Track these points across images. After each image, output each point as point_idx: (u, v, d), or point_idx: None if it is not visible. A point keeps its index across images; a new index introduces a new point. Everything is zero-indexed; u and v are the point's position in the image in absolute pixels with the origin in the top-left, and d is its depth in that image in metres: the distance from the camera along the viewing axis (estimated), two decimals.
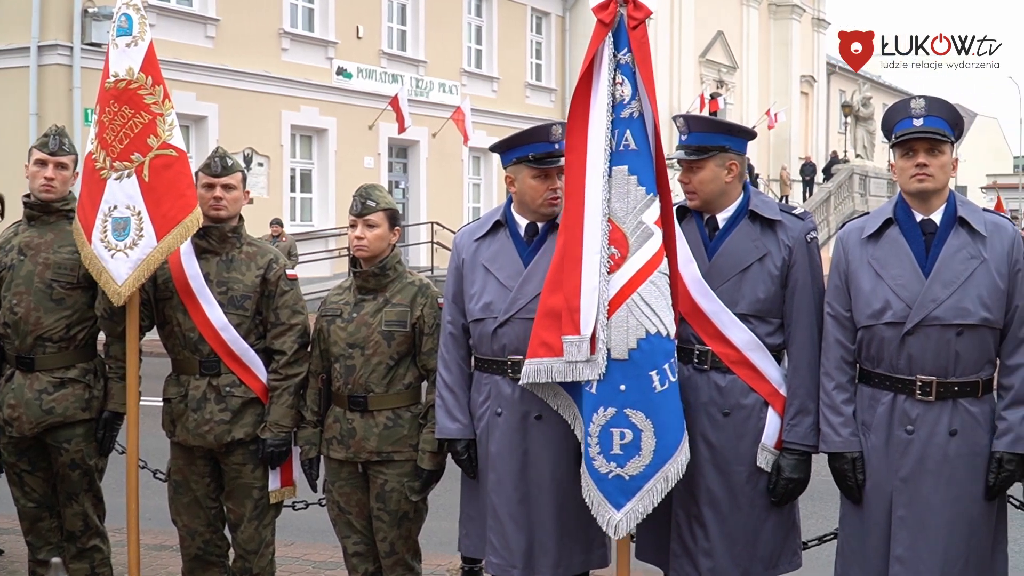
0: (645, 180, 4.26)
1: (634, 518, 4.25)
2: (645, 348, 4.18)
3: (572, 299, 4.25)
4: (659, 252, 4.24)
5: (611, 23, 4.27)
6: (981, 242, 4.21)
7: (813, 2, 51.50)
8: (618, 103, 4.27)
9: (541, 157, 4.60)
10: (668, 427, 4.21)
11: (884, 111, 4.54)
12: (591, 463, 4.25)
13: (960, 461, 4.19)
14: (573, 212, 4.31)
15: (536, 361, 4.33)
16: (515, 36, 33.29)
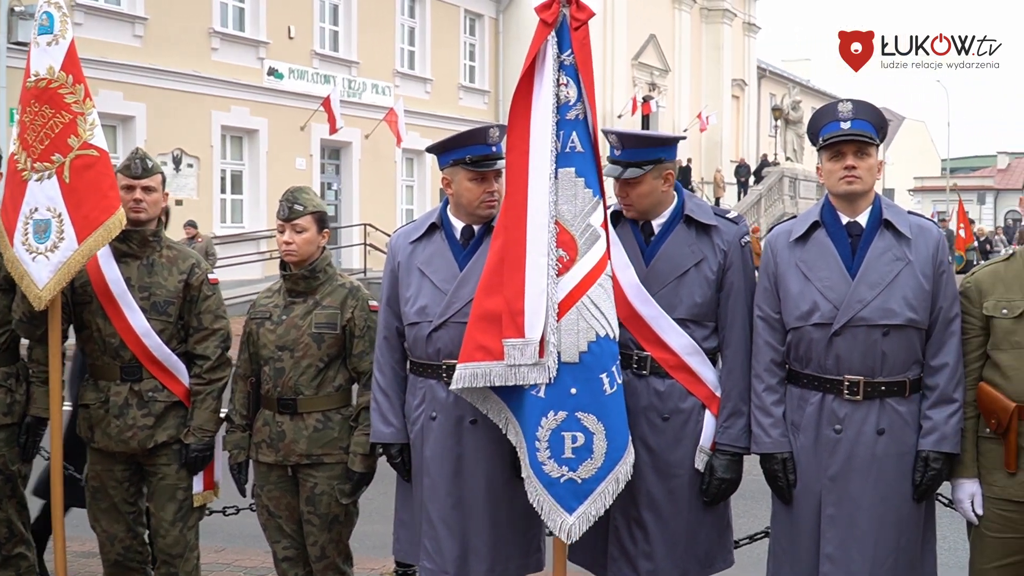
0: (591, 183, 4.25)
1: (587, 521, 4.23)
2: (595, 351, 4.18)
3: (515, 302, 4.21)
4: (606, 255, 4.24)
5: (553, 23, 4.25)
6: (906, 244, 4.27)
7: (744, 6, 51.97)
8: (563, 104, 4.25)
9: (478, 160, 4.57)
10: (618, 429, 4.22)
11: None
12: (540, 468, 4.22)
13: (888, 460, 4.24)
14: (514, 214, 4.26)
15: (473, 365, 4.27)
16: (448, 38, 33.27)
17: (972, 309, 4.37)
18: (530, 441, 4.23)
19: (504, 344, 4.21)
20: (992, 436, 4.30)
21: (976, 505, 4.34)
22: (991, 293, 4.35)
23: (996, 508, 4.29)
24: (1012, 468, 4.24)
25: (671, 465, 4.48)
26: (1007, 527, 4.28)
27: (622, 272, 4.44)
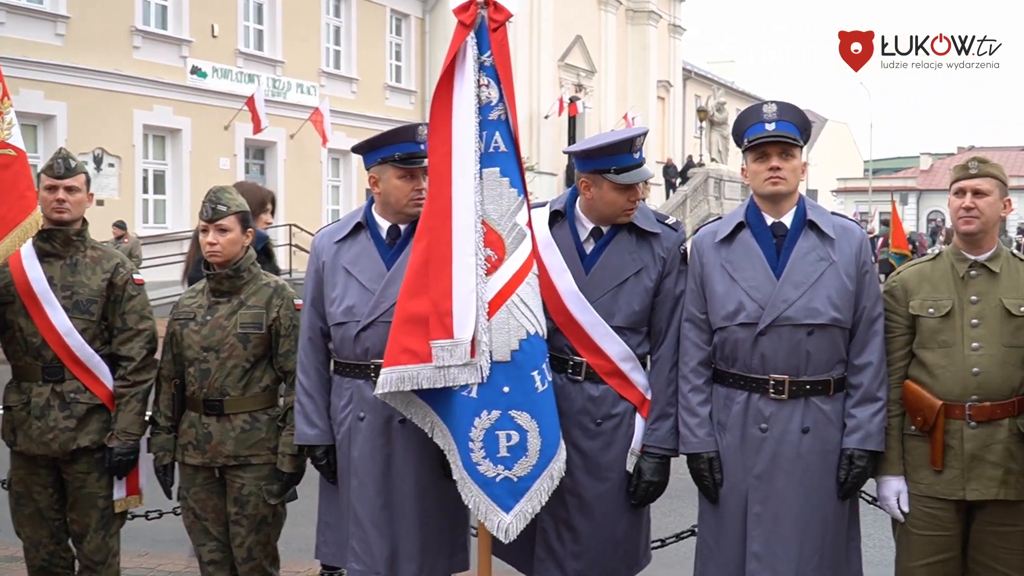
0: (516, 182, 4.27)
1: (523, 519, 4.25)
2: (526, 349, 4.20)
3: (442, 303, 4.20)
4: (533, 253, 4.27)
5: (471, 24, 4.26)
6: (830, 244, 4.32)
7: (669, 8, 52.30)
8: (485, 105, 4.26)
9: (407, 157, 4.56)
10: (550, 426, 4.24)
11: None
12: (475, 468, 4.23)
13: (813, 458, 4.28)
14: (438, 215, 4.26)
15: (399, 369, 4.25)
16: (374, 37, 33.09)
17: (898, 308, 4.44)
18: (463, 442, 4.23)
19: (432, 346, 4.20)
20: (918, 434, 4.37)
21: (902, 503, 4.40)
22: (917, 292, 4.41)
23: (922, 506, 4.36)
24: (938, 466, 4.31)
25: (602, 468, 4.50)
26: (933, 525, 4.34)
27: (558, 277, 4.45)
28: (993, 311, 4.31)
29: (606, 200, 4.47)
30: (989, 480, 4.26)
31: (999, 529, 4.32)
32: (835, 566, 4.35)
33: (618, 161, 4.43)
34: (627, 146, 4.46)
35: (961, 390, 4.28)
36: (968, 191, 4.33)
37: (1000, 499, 4.27)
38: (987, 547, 4.34)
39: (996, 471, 4.26)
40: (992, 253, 4.39)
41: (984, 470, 4.26)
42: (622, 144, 4.46)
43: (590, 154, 4.50)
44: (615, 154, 4.44)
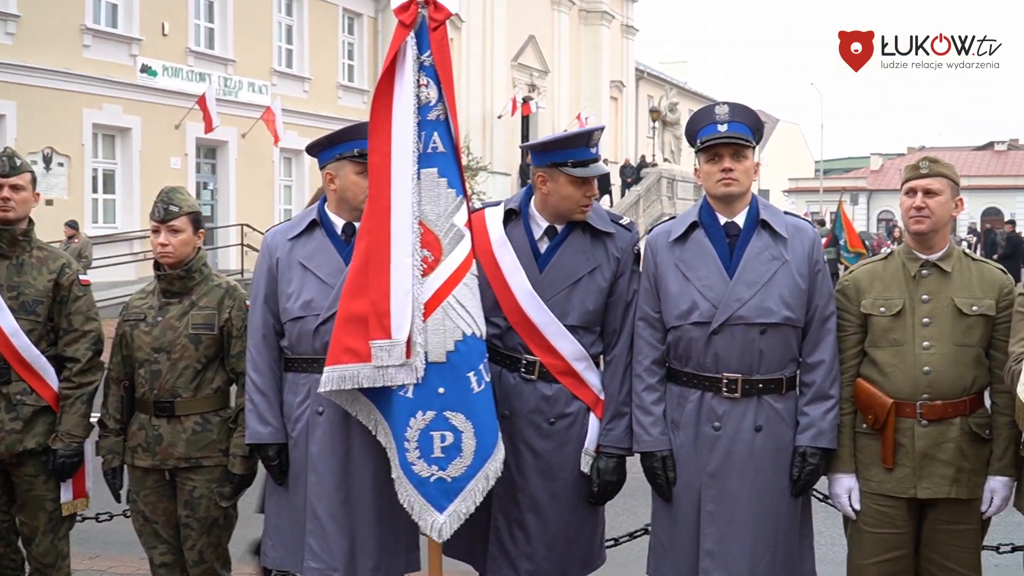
0: (454, 183, 4.27)
1: (457, 519, 4.25)
2: (462, 350, 4.20)
3: (380, 303, 4.21)
4: (470, 254, 4.26)
5: (412, 24, 4.25)
6: (782, 244, 4.35)
7: (622, 9, 52.49)
8: (424, 105, 4.26)
9: (366, 153, 4.52)
10: (486, 427, 4.24)
11: (690, 116, 4.64)
12: (410, 468, 4.23)
13: (766, 456, 4.31)
14: (378, 215, 4.26)
15: (340, 367, 4.26)
16: (327, 36, 33.00)
17: (850, 307, 4.46)
18: (399, 442, 4.24)
19: (371, 346, 4.20)
20: (869, 432, 4.40)
21: (853, 500, 4.43)
22: (869, 291, 4.45)
23: (873, 503, 4.39)
24: (889, 464, 4.34)
25: (555, 468, 4.50)
26: (885, 522, 4.37)
27: (512, 276, 4.45)
28: (944, 310, 4.35)
29: (562, 194, 4.47)
30: (940, 479, 4.29)
31: (951, 527, 4.36)
32: (788, 563, 4.37)
33: (575, 154, 4.44)
34: (585, 139, 4.47)
35: (912, 389, 4.31)
36: (919, 191, 4.37)
37: (952, 498, 4.31)
38: (939, 545, 4.38)
39: (948, 470, 4.29)
40: (944, 252, 4.43)
41: (935, 468, 4.30)
42: (580, 137, 4.47)
43: (548, 147, 4.52)
44: (573, 147, 4.46)
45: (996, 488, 4.36)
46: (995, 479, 4.36)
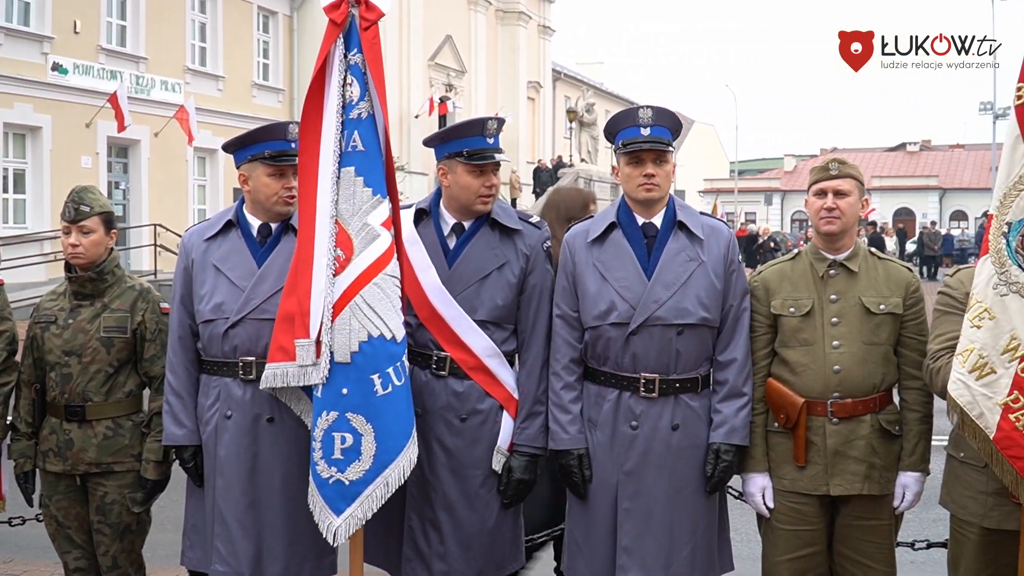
0: (372, 181, 4.25)
1: (354, 524, 4.23)
2: (367, 351, 4.17)
3: (304, 302, 4.22)
4: (385, 254, 4.23)
5: (343, 23, 4.24)
6: (699, 245, 4.40)
7: (539, 9, 52.60)
8: (347, 104, 4.25)
9: (277, 155, 4.54)
10: (390, 432, 4.20)
11: (608, 117, 4.67)
12: (315, 468, 4.23)
13: (682, 454, 4.35)
14: (306, 214, 4.27)
15: (274, 365, 4.28)
16: (241, 34, 32.65)
17: (760, 307, 4.52)
18: (311, 441, 4.24)
19: (296, 345, 4.21)
20: (781, 431, 4.46)
21: (767, 499, 4.49)
22: (778, 292, 4.51)
23: (786, 501, 4.45)
24: (801, 462, 4.40)
25: (467, 466, 4.50)
26: (798, 520, 4.43)
27: (423, 273, 4.46)
28: (852, 309, 4.42)
29: (461, 184, 4.50)
30: (852, 475, 4.36)
31: (863, 523, 4.43)
32: (705, 560, 4.42)
33: (471, 143, 4.49)
34: (479, 128, 4.52)
35: (823, 387, 4.38)
36: (829, 192, 4.44)
37: (864, 494, 4.38)
38: (851, 541, 4.45)
39: (859, 466, 4.37)
40: (851, 252, 4.50)
41: (847, 465, 4.37)
42: (474, 126, 4.52)
43: (444, 137, 4.56)
44: (468, 136, 4.50)
45: (907, 484, 4.44)
46: (906, 475, 4.44)
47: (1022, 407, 3.92)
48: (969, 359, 4.01)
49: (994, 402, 3.96)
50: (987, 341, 3.98)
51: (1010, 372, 3.94)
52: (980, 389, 3.98)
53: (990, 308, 4.00)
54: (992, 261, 4.03)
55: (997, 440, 3.96)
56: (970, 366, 4.00)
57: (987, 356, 3.98)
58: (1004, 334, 3.96)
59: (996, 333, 3.98)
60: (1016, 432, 3.92)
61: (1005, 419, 3.94)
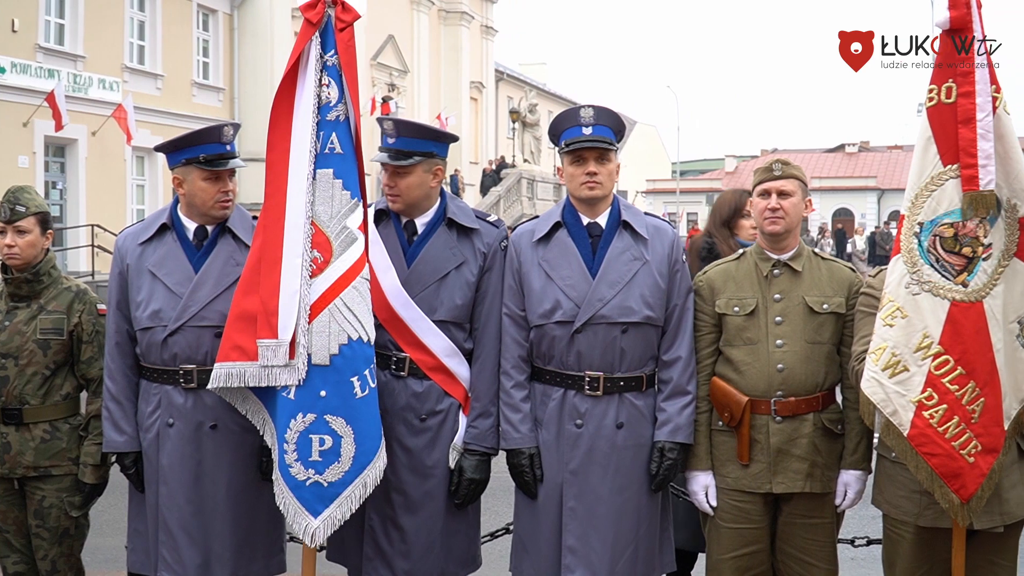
0: (350, 184, 4.26)
1: (332, 525, 4.22)
2: (347, 354, 4.18)
3: (270, 302, 4.18)
4: (362, 257, 4.24)
5: (318, 23, 4.24)
6: (643, 244, 4.42)
7: (482, 10, 52.60)
8: (324, 105, 4.25)
9: (212, 159, 4.50)
10: (368, 433, 4.21)
11: (550, 117, 4.68)
12: (287, 470, 4.19)
13: (626, 452, 4.37)
14: (273, 213, 4.24)
15: (228, 365, 4.23)
16: (181, 33, 32.32)
17: (704, 307, 4.55)
18: (280, 443, 4.20)
19: (258, 344, 4.18)
20: (725, 429, 4.48)
21: (710, 497, 4.51)
22: (723, 291, 4.53)
23: (730, 499, 4.47)
24: (745, 460, 4.43)
25: (427, 466, 4.49)
26: (741, 518, 4.46)
27: (383, 274, 4.45)
28: (796, 309, 4.45)
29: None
30: (795, 473, 4.39)
31: (805, 521, 4.46)
32: (648, 558, 4.44)
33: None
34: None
35: (766, 386, 4.41)
36: (773, 192, 4.47)
37: (806, 492, 4.41)
38: (794, 539, 4.48)
39: (802, 464, 4.40)
40: (794, 252, 4.54)
41: (790, 463, 4.40)
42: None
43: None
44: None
45: (849, 482, 4.48)
46: (848, 473, 4.48)
47: (936, 404, 3.99)
48: (882, 357, 4.07)
49: (907, 399, 4.02)
50: (899, 339, 4.05)
51: (923, 370, 4.01)
52: (893, 387, 4.04)
53: (902, 307, 4.07)
54: (904, 261, 4.10)
55: (911, 437, 4.02)
56: (883, 364, 4.06)
57: (900, 354, 4.04)
58: (916, 332, 4.03)
59: (908, 331, 4.04)
60: (930, 429, 3.99)
61: (919, 416, 4.01)
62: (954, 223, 4.03)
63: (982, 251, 4.02)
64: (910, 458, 4.05)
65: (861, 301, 4.42)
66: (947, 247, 4.04)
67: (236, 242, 4.54)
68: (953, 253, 4.03)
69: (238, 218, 4.60)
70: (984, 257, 4.02)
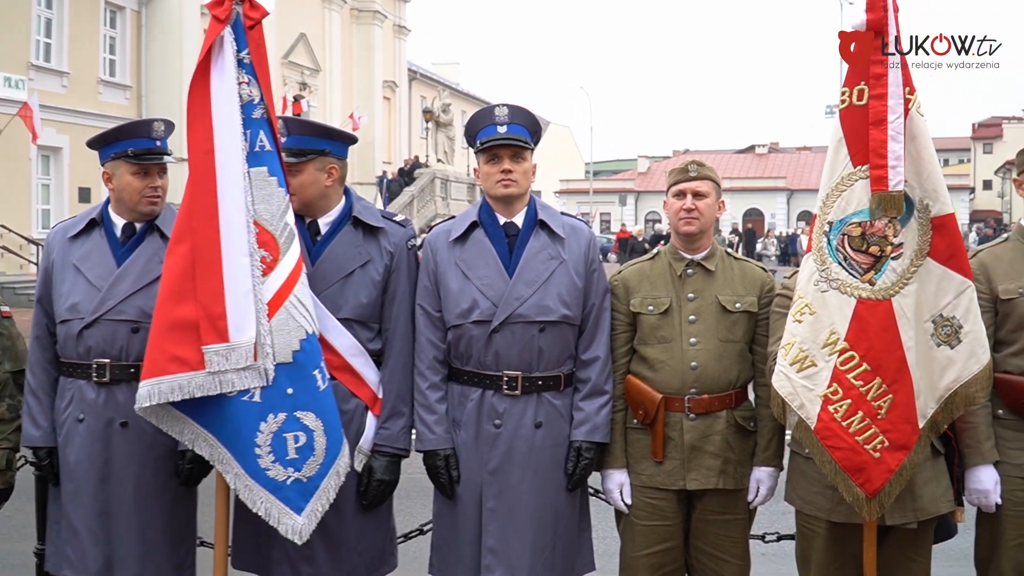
0: (283, 182, 4.22)
1: (315, 518, 4.19)
2: (307, 348, 4.15)
3: (213, 306, 4.06)
4: (302, 253, 4.23)
5: (226, 20, 4.16)
6: (560, 243, 4.43)
7: (394, 9, 52.46)
8: (247, 103, 4.18)
9: (141, 153, 4.45)
10: (334, 424, 4.21)
11: (464, 117, 4.66)
12: (263, 474, 4.12)
13: (545, 452, 4.38)
14: (202, 214, 4.11)
15: (168, 379, 4.05)
16: (87, 30, 31.82)
17: (619, 306, 4.58)
18: (246, 449, 4.11)
19: (204, 351, 4.05)
20: (640, 427, 4.51)
21: (625, 495, 4.53)
22: (637, 290, 4.56)
23: (644, 496, 4.50)
24: (659, 457, 4.46)
25: None
26: (655, 515, 4.48)
27: None
28: (709, 307, 4.50)
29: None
30: (708, 470, 4.43)
31: (719, 517, 4.50)
32: (567, 557, 4.45)
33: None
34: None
35: (680, 384, 4.44)
36: (688, 193, 4.50)
37: (719, 488, 4.45)
38: (708, 535, 4.52)
39: (715, 461, 4.43)
40: (708, 252, 4.58)
41: (703, 460, 4.43)
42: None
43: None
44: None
45: (761, 478, 4.53)
46: (760, 469, 4.53)
47: (840, 399, 4.05)
48: (791, 352, 4.13)
49: (815, 394, 4.07)
50: (808, 335, 4.11)
51: (830, 365, 4.07)
52: (801, 381, 4.09)
53: (811, 303, 4.12)
54: (814, 259, 4.16)
55: (817, 431, 4.07)
56: (791, 359, 4.12)
57: (807, 350, 4.10)
58: (824, 328, 4.09)
59: (816, 328, 4.10)
60: (835, 423, 4.05)
61: (824, 410, 4.06)
62: (862, 222, 4.08)
63: (891, 250, 4.07)
64: (816, 451, 4.10)
65: (777, 302, 4.47)
66: (855, 246, 4.09)
67: (163, 240, 4.45)
68: (860, 252, 4.09)
69: (168, 217, 4.51)
70: (894, 256, 4.07)
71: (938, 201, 4.14)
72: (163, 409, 4.13)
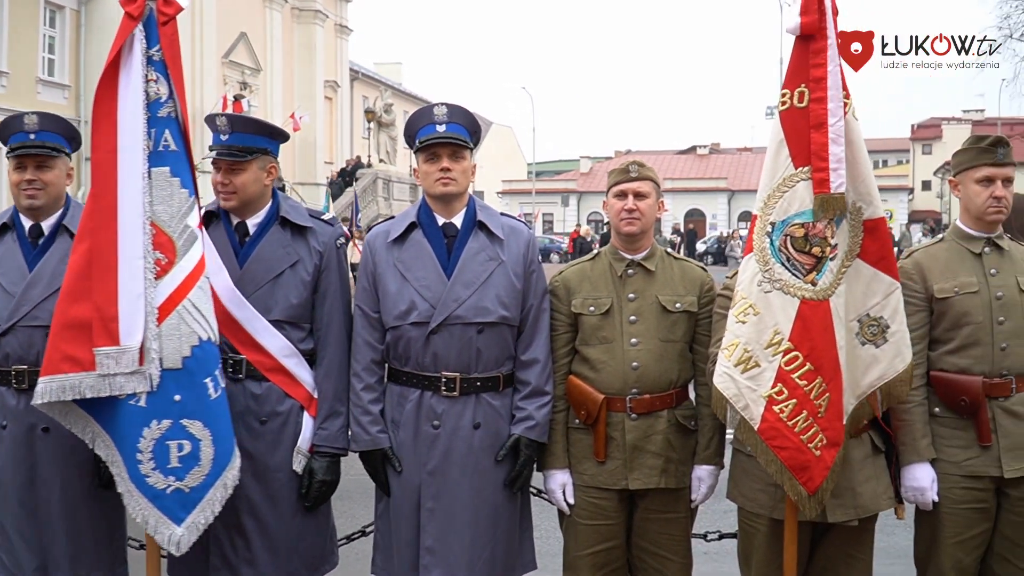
0: (187, 183, 4.16)
1: (195, 531, 4.12)
2: (199, 355, 4.08)
3: (107, 308, 4.01)
4: (203, 256, 4.15)
5: (139, 16, 4.10)
6: (499, 244, 4.43)
7: (336, 8, 52.21)
8: (154, 101, 4.12)
9: (16, 147, 4.45)
10: (224, 435, 4.14)
11: (406, 117, 4.66)
12: (143, 481, 4.06)
13: (484, 452, 4.38)
14: (102, 215, 4.05)
15: (60, 377, 4.01)
16: (26, 28, 31.44)
17: (560, 306, 4.59)
18: (129, 453, 4.06)
19: (96, 353, 4.00)
20: (582, 427, 4.53)
21: (567, 495, 4.54)
22: (579, 291, 4.58)
23: (587, 496, 4.52)
24: (601, 457, 4.48)
25: (270, 469, 4.43)
26: (597, 514, 4.50)
27: (215, 276, 4.34)
28: (650, 308, 4.52)
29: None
30: (650, 469, 4.46)
31: (660, 516, 4.53)
32: (508, 556, 4.46)
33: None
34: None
35: (622, 384, 4.46)
36: (629, 193, 4.52)
37: (661, 487, 4.48)
38: (650, 534, 4.55)
39: (657, 460, 4.46)
40: (648, 252, 4.61)
41: (645, 460, 4.46)
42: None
43: None
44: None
45: (702, 476, 4.56)
46: (701, 468, 4.56)
47: (785, 399, 4.09)
48: (734, 353, 4.15)
49: (758, 394, 4.11)
50: (751, 336, 4.14)
51: (773, 365, 4.11)
52: (745, 382, 4.13)
53: (754, 304, 4.16)
54: (756, 259, 4.19)
55: (762, 431, 4.11)
56: (735, 360, 4.15)
57: (751, 350, 4.13)
58: (767, 329, 4.12)
59: (760, 328, 4.13)
60: (780, 423, 4.09)
61: (769, 411, 4.10)
62: (804, 224, 4.12)
63: (830, 251, 4.12)
64: (761, 451, 4.14)
65: (718, 303, 4.51)
66: (798, 247, 4.13)
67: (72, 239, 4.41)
68: (803, 253, 4.13)
69: (77, 215, 4.46)
70: (831, 257, 4.13)
71: (871, 204, 4.20)
72: (68, 407, 4.09)
